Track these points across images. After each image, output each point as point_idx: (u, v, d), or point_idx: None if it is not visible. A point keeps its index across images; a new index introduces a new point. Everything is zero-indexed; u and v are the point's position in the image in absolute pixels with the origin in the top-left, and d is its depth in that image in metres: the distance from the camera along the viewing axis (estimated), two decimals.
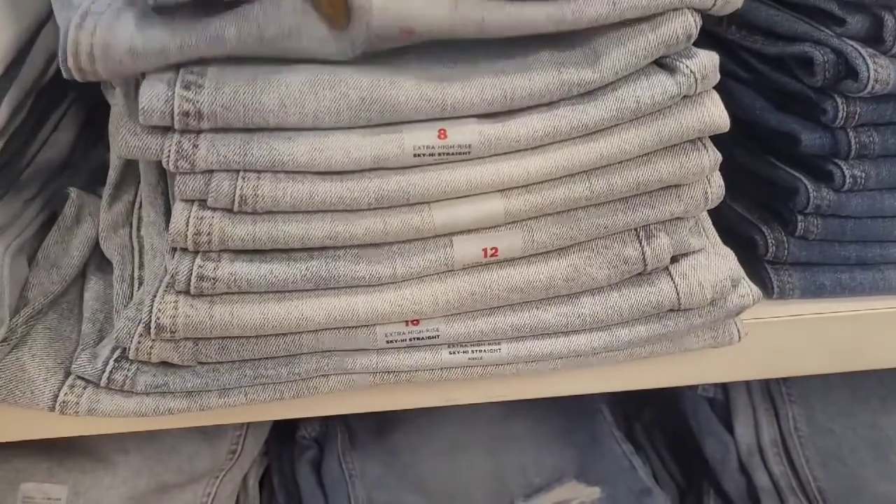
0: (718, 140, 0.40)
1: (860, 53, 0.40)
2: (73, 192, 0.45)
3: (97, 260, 0.45)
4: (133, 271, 0.44)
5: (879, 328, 0.48)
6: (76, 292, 0.44)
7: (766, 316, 0.47)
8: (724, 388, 0.71)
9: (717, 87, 0.39)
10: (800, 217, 0.45)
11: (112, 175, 0.47)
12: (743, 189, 0.49)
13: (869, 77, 0.40)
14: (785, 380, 0.72)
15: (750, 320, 0.45)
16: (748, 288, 0.43)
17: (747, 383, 0.72)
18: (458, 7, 0.33)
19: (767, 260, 0.47)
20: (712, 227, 0.45)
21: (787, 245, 0.46)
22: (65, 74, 0.34)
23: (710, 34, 0.48)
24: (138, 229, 0.46)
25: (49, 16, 0.48)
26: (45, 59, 0.48)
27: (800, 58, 0.42)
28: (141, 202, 0.47)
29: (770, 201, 0.47)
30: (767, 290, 0.47)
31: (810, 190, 0.44)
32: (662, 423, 0.73)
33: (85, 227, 0.45)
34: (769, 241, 0.47)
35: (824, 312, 0.47)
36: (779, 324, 0.47)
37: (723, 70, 0.46)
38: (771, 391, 0.71)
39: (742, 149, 0.48)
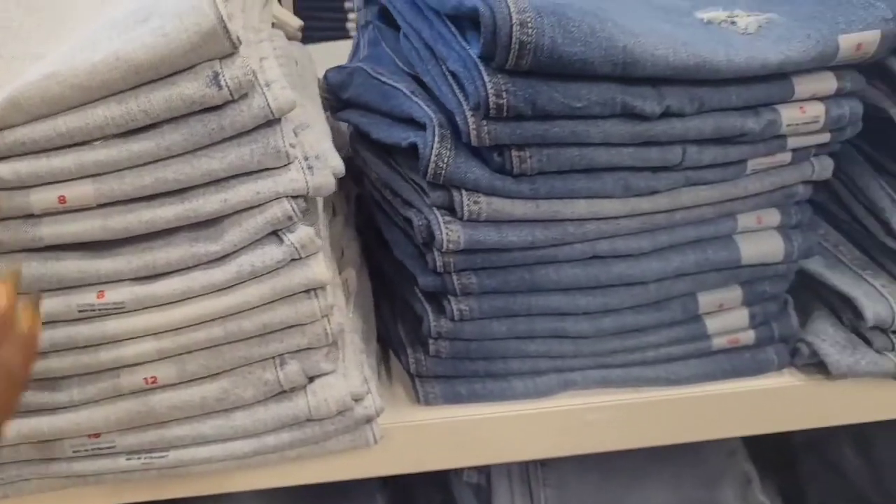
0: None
1: (438, 221, 0.53)
2: None
3: None
4: None
5: (507, 427, 0.59)
6: None
7: (413, 420, 0.58)
8: (488, 475, 0.81)
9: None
10: (430, 340, 0.57)
11: None
12: (402, 311, 0.61)
13: (444, 239, 0.52)
14: (543, 465, 0.82)
15: (400, 424, 0.57)
16: (372, 402, 0.55)
17: (508, 470, 0.82)
18: (108, 222, 0.46)
19: (414, 374, 0.59)
20: (355, 354, 0.56)
21: (425, 362, 0.58)
22: None
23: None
24: None
25: None
26: None
27: (407, 219, 0.56)
28: None
29: (414, 324, 0.60)
30: (417, 398, 0.59)
31: (432, 320, 0.57)
32: None
33: None
34: (411, 359, 0.59)
35: (463, 416, 0.59)
36: (420, 427, 0.58)
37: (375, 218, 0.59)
38: (529, 477, 0.82)
39: (401, 280, 0.61)
